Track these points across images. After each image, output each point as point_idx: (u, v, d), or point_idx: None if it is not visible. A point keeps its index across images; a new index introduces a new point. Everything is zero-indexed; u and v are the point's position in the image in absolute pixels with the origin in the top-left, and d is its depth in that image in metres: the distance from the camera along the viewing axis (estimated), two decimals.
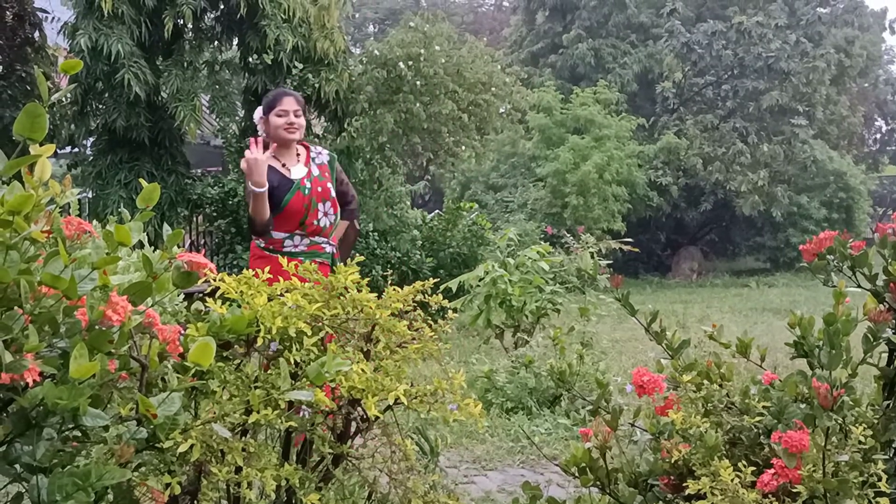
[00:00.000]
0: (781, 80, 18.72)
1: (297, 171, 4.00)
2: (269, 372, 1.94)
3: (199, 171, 11.82)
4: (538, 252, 7.35)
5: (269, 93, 4.17)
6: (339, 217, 4.12)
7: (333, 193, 4.07)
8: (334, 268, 3.98)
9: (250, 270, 2.26)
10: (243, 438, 1.88)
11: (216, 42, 10.95)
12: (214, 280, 1.96)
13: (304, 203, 3.95)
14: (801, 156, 19.04)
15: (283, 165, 4.00)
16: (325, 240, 4.04)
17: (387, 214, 10.56)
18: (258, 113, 4.09)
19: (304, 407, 2.02)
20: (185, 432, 1.68)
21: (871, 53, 22.70)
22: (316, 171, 4.06)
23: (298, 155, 4.09)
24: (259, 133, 4.06)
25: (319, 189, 4.02)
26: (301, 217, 3.95)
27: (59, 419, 1.45)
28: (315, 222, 3.98)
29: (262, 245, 3.98)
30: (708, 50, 18.88)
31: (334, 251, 4.09)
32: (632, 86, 20.56)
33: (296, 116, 3.97)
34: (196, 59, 10.32)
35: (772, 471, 1.86)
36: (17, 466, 1.45)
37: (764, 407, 2.05)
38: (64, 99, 9.65)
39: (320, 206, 4.01)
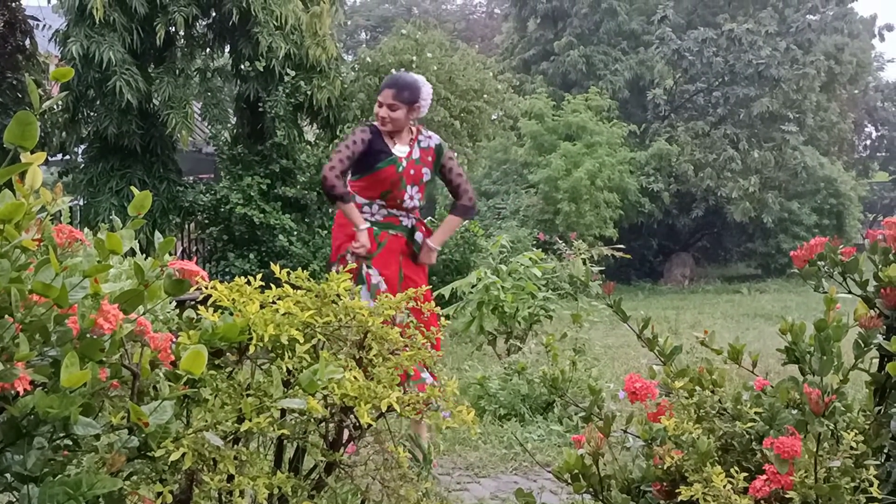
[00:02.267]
0: (772, 87, 18.80)
1: (399, 149, 4.16)
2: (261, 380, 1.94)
3: (191, 178, 11.81)
4: (530, 258, 7.36)
5: (387, 77, 4.35)
6: (423, 201, 4.25)
7: (426, 179, 4.21)
8: (414, 240, 4.16)
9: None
10: (235, 447, 1.87)
11: (208, 49, 10.96)
12: (206, 288, 1.95)
13: (393, 178, 4.10)
14: (792, 162, 19.12)
15: (391, 137, 4.17)
16: (405, 213, 4.18)
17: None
18: (429, 91, 4.26)
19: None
20: (177, 441, 1.67)
21: (860, 60, 22.83)
22: (417, 154, 4.20)
23: (411, 138, 4.23)
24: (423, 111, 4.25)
25: (412, 171, 4.16)
26: (385, 189, 4.11)
27: (50, 428, 1.44)
28: (399, 200, 4.13)
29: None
30: (699, 57, 18.96)
31: (414, 223, 4.20)
32: (623, 92, 20.62)
33: (391, 110, 4.11)
34: (188, 67, 10.33)
35: (764, 477, 1.86)
36: (8, 476, 1.44)
37: (756, 413, 2.06)
38: (55, 106, 9.64)
39: (408, 188, 4.15)
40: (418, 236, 4.23)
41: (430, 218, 12.41)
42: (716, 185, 18.49)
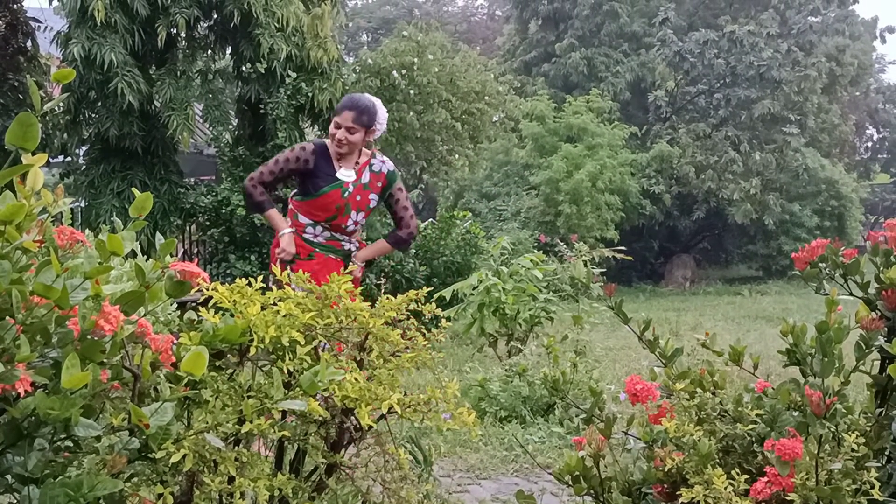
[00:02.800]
0: (773, 89, 18.80)
1: (345, 174, 4.07)
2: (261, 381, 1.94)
3: (193, 180, 11.81)
4: (531, 260, 7.36)
5: (348, 96, 4.26)
6: (364, 223, 4.23)
7: (372, 205, 4.14)
8: (349, 262, 4.09)
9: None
10: (236, 448, 1.87)
11: (209, 51, 10.96)
12: (207, 289, 1.95)
13: (337, 204, 4.02)
14: (793, 164, 19.12)
15: (338, 160, 4.08)
16: (347, 238, 4.13)
17: (380, 223, 10.56)
18: (384, 117, 4.17)
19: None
20: (178, 442, 1.67)
21: (861, 62, 22.84)
22: (366, 178, 4.12)
23: (357, 161, 4.13)
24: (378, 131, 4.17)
25: (359, 198, 4.08)
26: (330, 215, 4.04)
27: (51, 429, 1.44)
28: (342, 225, 4.07)
29: (290, 224, 4.12)
30: (700, 59, 18.96)
31: (355, 247, 4.17)
32: (624, 94, 20.63)
33: (349, 133, 4.00)
34: (189, 68, 10.33)
35: (765, 479, 1.86)
36: (9, 477, 1.44)
37: (757, 415, 2.06)
38: (57, 108, 9.64)
39: (353, 213, 4.08)
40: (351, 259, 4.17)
41: (431, 220, 12.42)
42: (717, 186, 18.49)
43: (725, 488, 1.86)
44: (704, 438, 2.00)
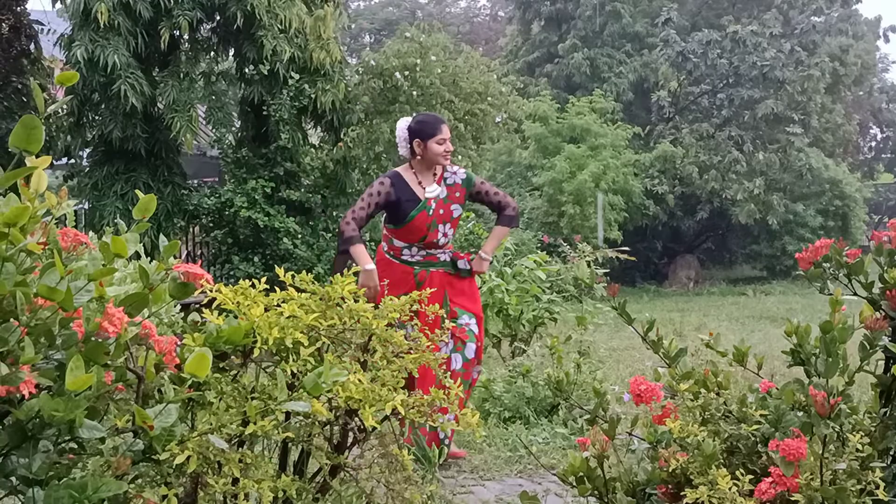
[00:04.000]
0: (776, 89, 18.77)
1: (430, 191, 4.37)
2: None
3: (196, 181, 11.83)
4: (535, 261, 7.35)
5: (423, 118, 4.53)
6: (454, 233, 4.52)
7: (456, 215, 4.42)
8: (457, 268, 4.38)
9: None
10: (240, 450, 1.87)
11: (212, 53, 10.98)
12: (211, 291, 1.95)
13: (426, 223, 4.31)
14: (797, 164, 19.07)
15: (419, 183, 4.37)
16: (441, 250, 4.39)
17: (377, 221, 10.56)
18: (405, 133, 4.38)
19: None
20: (182, 444, 1.67)
21: (865, 62, 22.78)
22: (444, 193, 4.40)
23: (435, 174, 4.43)
24: (400, 147, 4.42)
25: (442, 211, 4.36)
26: (422, 235, 4.32)
27: (56, 431, 1.44)
28: (434, 241, 4.34)
29: (386, 249, 4.42)
30: (703, 59, 18.94)
31: (448, 258, 4.42)
32: (627, 95, 20.60)
33: (450, 143, 4.39)
34: (192, 70, 10.35)
35: (769, 479, 1.86)
36: (14, 479, 1.44)
37: (761, 415, 2.05)
38: (60, 110, 9.66)
39: (440, 226, 4.36)
40: (461, 263, 4.44)
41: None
42: (720, 186, 18.46)
43: (730, 489, 1.86)
44: (709, 439, 1.99)
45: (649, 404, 2.14)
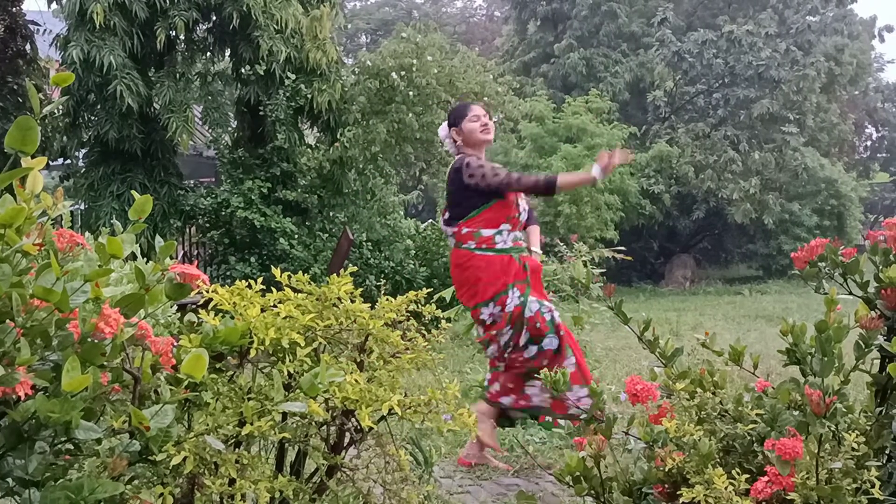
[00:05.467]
0: (772, 89, 18.80)
1: None
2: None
3: (192, 182, 11.81)
4: None
5: (452, 108, 4.46)
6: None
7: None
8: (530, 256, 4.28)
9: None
10: (237, 450, 1.87)
11: (208, 53, 10.97)
12: (207, 291, 1.95)
13: (512, 199, 4.17)
14: (793, 163, 19.11)
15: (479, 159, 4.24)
16: (522, 234, 4.27)
17: (380, 224, 10.57)
18: (444, 129, 4.31)
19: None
20: (179, 444, 1.67)
21: (860, 61, 22.83)
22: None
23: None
24: (447, 147, 4.36)
25: None
26: (510, 211, 4.14)
27: (52, 432, 1.44)
28: (517, 216, 4.18)
29: (473, 247, 4.10)
30: (699, 59, 18.97)
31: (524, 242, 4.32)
32: (623, 95, 20.62)
33: (488, 119, 4.24)
34: (188, 71, 10.34)
35: (765, 478, 1.86)
36: (10, 480, 1.44)
37: (757, 414, 2.06)
38: (56, 111, 9.65)
39: (518, 200, 4.24)
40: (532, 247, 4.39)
41: (431, 221, 12.41)
42: (716, 186, 18.49)
43: (726, 488, 1.86)
44: (705, 438, 2.00)
45: (646, 404, 2.14)
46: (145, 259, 2.60)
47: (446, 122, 4.35)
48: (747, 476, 1.91)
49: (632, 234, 18.74)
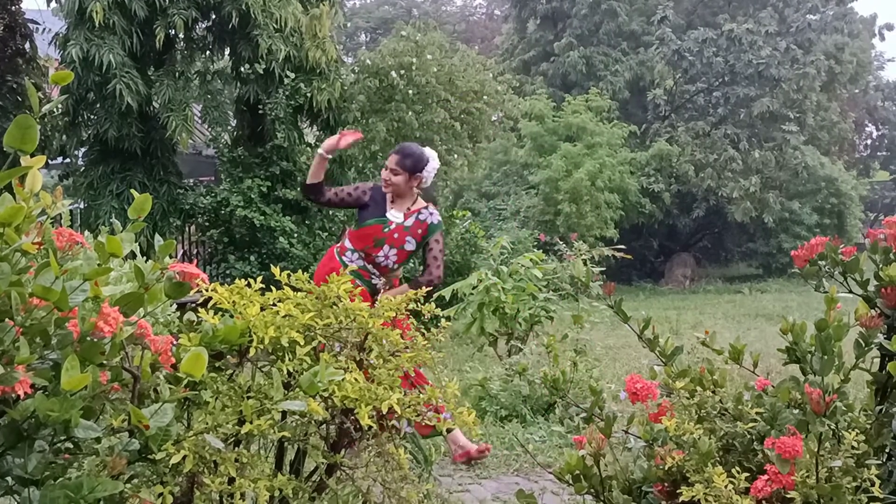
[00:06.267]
0: (772, 87, 18.80)
1: (393, 214, 4.44)
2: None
3: (192, 180, 11.80)
4: (531, 260, 7.35)
5: (419, 154, 4.56)
6: (400, 267, 4.54)
7: (409, 247, 4.44)
8: (374, 298, 4.33)
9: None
10: (236, 449, 1.87)
11: (208, 52, 10.96)
12: (207, 290, 1.95)
13: (375, 236, 4.37)
14: (793, 162, 19.11)
15: (392, 202, 4.46)
16: (377, 273, 4.44)
17: None
18: (434, 165, 4.55)
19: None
20: (178, 443, 1.67)
21: (860, 60, 22.83)
22: (409, 223, 4.44)
23: (409, 208, 4.48)
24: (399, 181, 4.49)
25: (396, 236, 4.40)
26: (366, 245, 4.38)
27: (51, 431, 1.44)
28: (374, 256, 4.38)
29: (337, 247, 4.54)
30: (699, 57, 18.96)
31: (379, 285, 4.46)
32: (623, 93, 20.61)
33: (392, 174, 4.39)
34: (188, 69, 10.33)
35: (765, 477, 1.86)
36: (9, 479, 1.44)
37: (757, 413, 2.06)
38: (55, 110, 9.64)
39: (386, 247, 4.39)
40: (377, 283, 4.49)
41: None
42: (716, 185, 18.49)
43: (726, 486, 1.86)
44: (704, 437, 2.00)
45: (645, 402, 2.14)
46: (145, 258, 2.60)
47: (429, 164, 4.49)
48: (747, 475, 1.91)
49: (632, 232, 18.75)
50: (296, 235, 9.91)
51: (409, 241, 4.43)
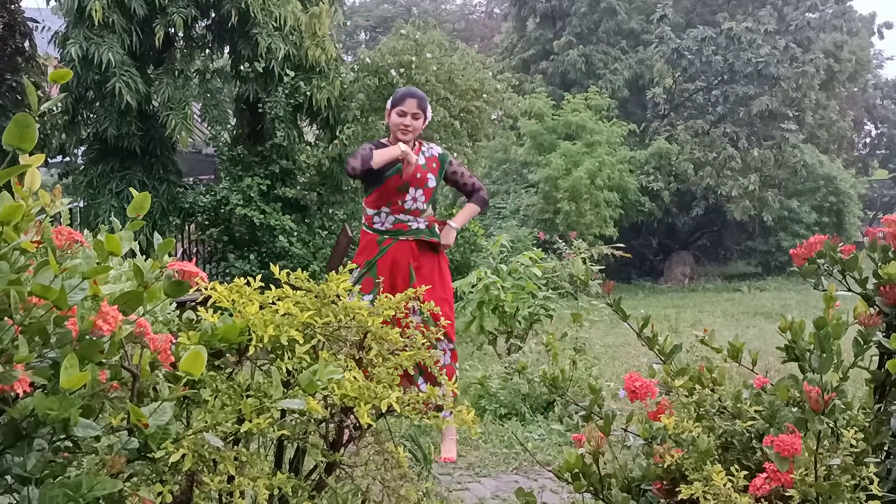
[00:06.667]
0: (771, 86, 18.80)
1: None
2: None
3: (191, 179, 11.81)
4: (530, 258, 7.35)
5: (399, 89, 4.51)
6: (429, 205, 4.45)
7: (430, 184, 4.39)
8: (432, 234, 4.38)
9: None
10: (236, 447, 1.87)
11: (207, 50, 10.96)
12: (206, 289, 1.95)
13: (398, 184, 4.29)
14: (792, 160, 19.11)
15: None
16: (412, 218, 4.36)
17: None
18: (389, 103, 4.45)
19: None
20: (177, 442, 1.67)
21: (859, 58, 22.81)
22: (422, 161, 4.40)
23: (413, 146, 4.42)
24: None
25: (418, 175, 4.33)
26: (390, 198, 4.32)
27: (50, 430, 1.44)
28: (400, 202, 4.31)
29: (363, 222, 4.46)
30: (698, 56, 18.96)
31: (423, 226, 4.39)
32: (622, 92, 20.60)
33: (413, 119, 4.32)
34: (187, 68, 10.33)
35: (764, 475, 1.86)
36: (8, 478, 1.44)
37: (756, 411, 2.06)
38: (54, 108, 9.64)
39: (411, 190, 4.33)
40: (435, 228, 4.45)
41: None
42: (716, 183, 18.49)
43: (724, 484, 1.87)
44: (703, 435, 2.00)
45: (644, 401, 2.14)
46: (144, 256, 2.60)
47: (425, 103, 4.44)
48: (746, 473, 1.91)
49: (631, 231, 18.75)
50: (295, 234, 9.91)
51: (430, 178, 4.40)
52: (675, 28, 19.74)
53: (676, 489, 1.94)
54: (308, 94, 9.84)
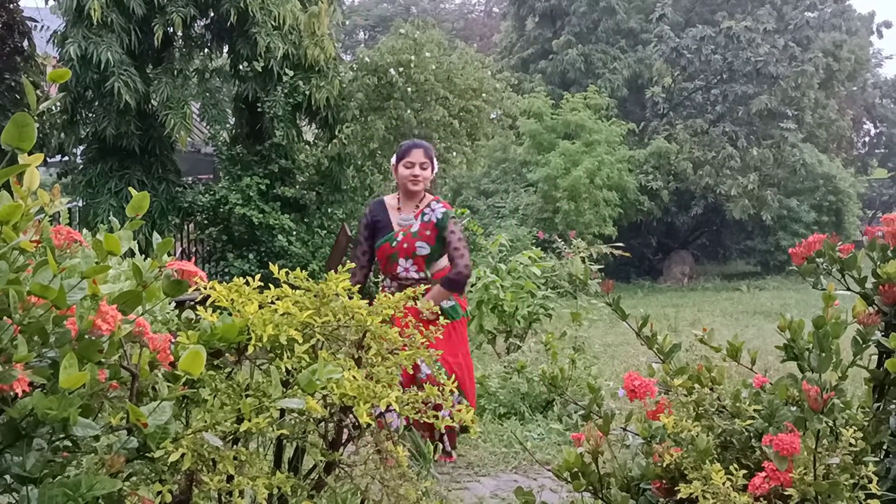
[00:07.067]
0: (770, 85, 18.80)
1: (402, 219, 4.31)
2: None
3: (190, 178, 11.79)
4: (530, 257, 7.35)
5: (404, 143, 4.49)
6: (429, 270, 4.32)
7: (423, 252, 4.27)
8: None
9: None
10: (235, 447, 1.87)
11: (206, 50, 10.94)
12: (205, 288, 1.95)
13: (388, 254, 4.28)
14: (791, 159, 19.11)
15: (398, 209, 4.35)
16: (409, 284, 4.21)
17: None
18: (394, 158, 4.43)
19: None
20: (176, 441, 1.67)
21: (858, 57, 22.80)
22: (416, 228, 4.30)
23: (418, 205, 4.35)
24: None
25: (406, 245, 4.27)
26: (386, 266, 4.32)
27: (50, 429, 1.44)
28: (395, 273, 4.29)
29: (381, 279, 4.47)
30: (697, 55, 18.95)
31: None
32: (622, 91, 20.60)
33: (422, 169, 4.27)
34: (186, 67, 10.32)
35: (763, 474, 1.86)
36: (8, 477, 1.44)
37: (755, 410, 2.06)
38: (53, 108, 9.63)
39: (401, 261, 4.28)
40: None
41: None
42: (715, 182, 18.49)
43: (724, 483, 1.87)
44: (703, 434, 2.00)
45: (643, 400, 2.15)
46: (143, 256, 2.60)
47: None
48: (745, 472, 1.91)
49: (630, 230, 18.75)
50: (294, 233, 9.91)
51: (421, 246, 4.27)
52: (674, 27, 19.74)
53: (675, 488, 1.94)
54: (307, 93, 9.83)
